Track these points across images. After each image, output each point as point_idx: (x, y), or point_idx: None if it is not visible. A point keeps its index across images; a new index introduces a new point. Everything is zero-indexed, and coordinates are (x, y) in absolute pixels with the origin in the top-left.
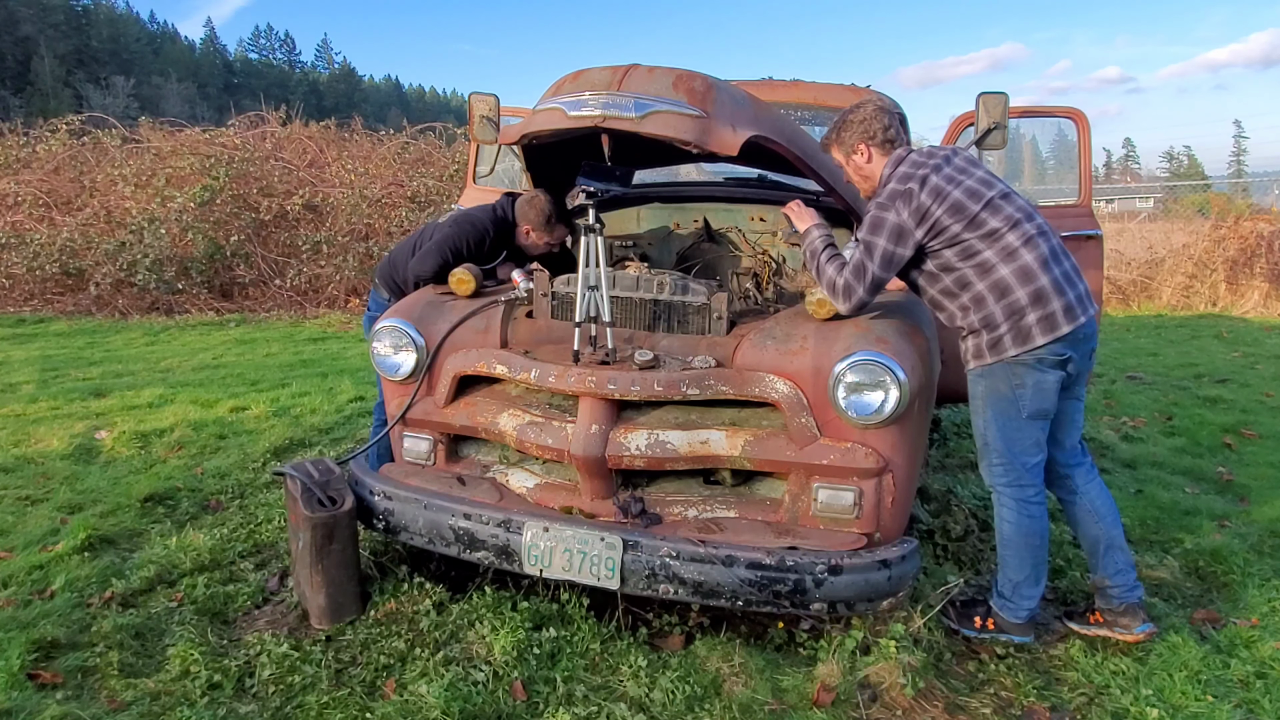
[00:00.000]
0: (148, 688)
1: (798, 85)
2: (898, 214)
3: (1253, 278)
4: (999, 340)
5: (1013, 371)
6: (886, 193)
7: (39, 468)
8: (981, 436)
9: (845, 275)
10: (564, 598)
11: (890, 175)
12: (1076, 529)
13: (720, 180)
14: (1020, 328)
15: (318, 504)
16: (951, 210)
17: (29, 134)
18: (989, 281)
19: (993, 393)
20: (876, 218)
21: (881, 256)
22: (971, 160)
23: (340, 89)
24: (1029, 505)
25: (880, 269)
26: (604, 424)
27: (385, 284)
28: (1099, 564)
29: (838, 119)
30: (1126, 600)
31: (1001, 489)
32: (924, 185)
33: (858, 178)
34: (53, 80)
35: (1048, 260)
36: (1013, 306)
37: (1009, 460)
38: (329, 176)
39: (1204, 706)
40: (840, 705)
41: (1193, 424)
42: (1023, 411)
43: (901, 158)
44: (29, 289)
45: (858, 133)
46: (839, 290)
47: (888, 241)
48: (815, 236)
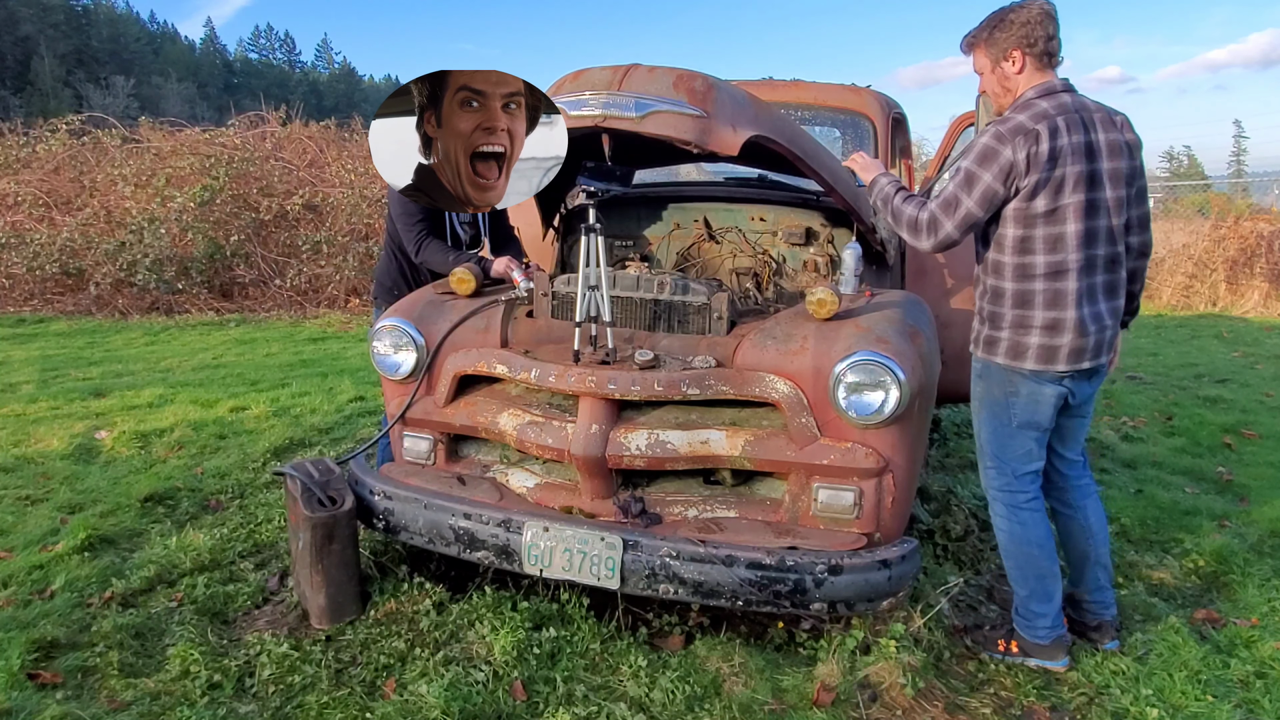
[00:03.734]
0: (148, 688)
1: (798, 85)
2: (1014, 151)
3: (1253, 278)
4: (995, 342)
5: (1008, 378)
6: (1012, 124)
7: (39, 468)
8: (978, 436)
9: (932, 208)
10: (564, 598)
11: (1029, 102)
12: (1065, 541)
13: (720, 180)
14: (1019, 343)
15: (318, 504)
16: (1055, 186)
17: (29, 134)
18: (1019, 287)
19: (988, 395)
20: (990, 148)
21: (982, 192)
22: (1123, 148)
23: (340, 89)
24: (1020, 511)
25: (977, 204)
26: (604, 424)
27: (385, 300)
28: (1081, 578)
29: (992, 15)
30: (1101, 617)
31: (995, 493)
32: (1056, 136)
33: (997, 88)
34: (53, 80)
35: (1085, 295)
36: (1024, 321)
37: (1000, 465)
38: (329, 176)
39: (1204, 706)
40: (840, 705)
41: (1193, 424)
42: (1013, 420)
43: (1053, 89)
44: (29, 289)
45: (1017, 36)
46: (922, 225)
47: (995, 178)
48: (884, 183)
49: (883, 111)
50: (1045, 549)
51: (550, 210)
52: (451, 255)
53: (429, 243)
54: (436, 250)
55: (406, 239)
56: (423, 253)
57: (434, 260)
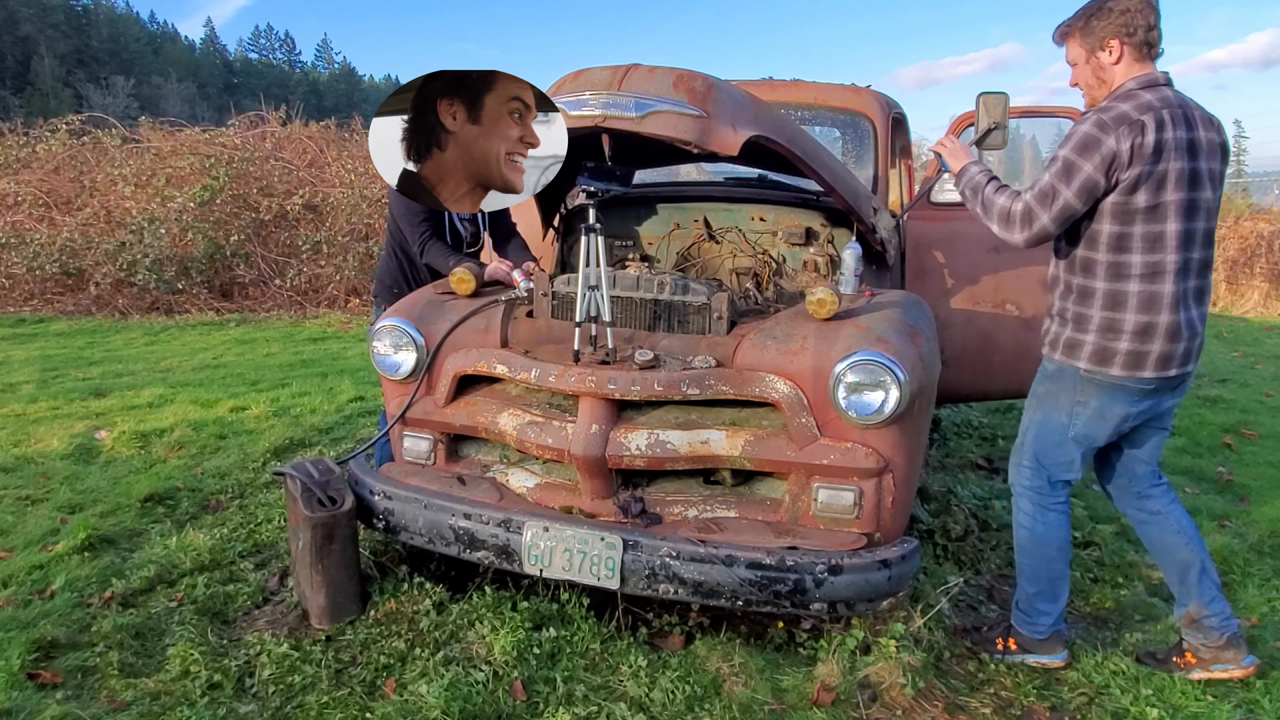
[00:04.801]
0: (148, 687)
1: (798, 85)
2: (1118, 141)
3: (1253, 278)
4: (1078, 345)
5: (1082, 386)
6: (1116, 112)
7: (39, 468)
8: (1022, 433)
9: (1026, 199)
10: (564, 598)
11: (1131, 92)
12: (1162, 554)
13: (720, 180)
14: (1106, 348)
15: (318, 504)
16: (1157, 182)
17: (29, 134)
18: (1112, 287)
19: (1051, 398)
20: (1091, 137)
21: (1082, 183)
22: (1219, 150)
23: (340, 89)
24: (1047, 513)
25: (1075, 195)
26: (604, 424)
27: (385, 299)
28: (1192, 591)
29: (1089, 3)
30: (1227, 630)
31: (1023, 490)
32: (1162, 129)
33: (1091, 80)
34: (53, 80)
35: (1180, 300)
36: (1113, 325)
37: (1037, 468)
38: (329, 176)
39: (1204, 706)
40: (840, 705)
41: (1193, 424)
42: (1070, 429)
43: (1156, 81)
44: (29, 289)
45: (1116, 25)
46: (1015, 217)
47: (1096, 169)
48: (975, 172)
49: (883, 111)
50: (1064, 552)
51: (550, 210)
52: (453, 257)
53: (433, 244)
54: (439, 250)
55: (411, 238)
56: (427, 254)
57: (437, 260)
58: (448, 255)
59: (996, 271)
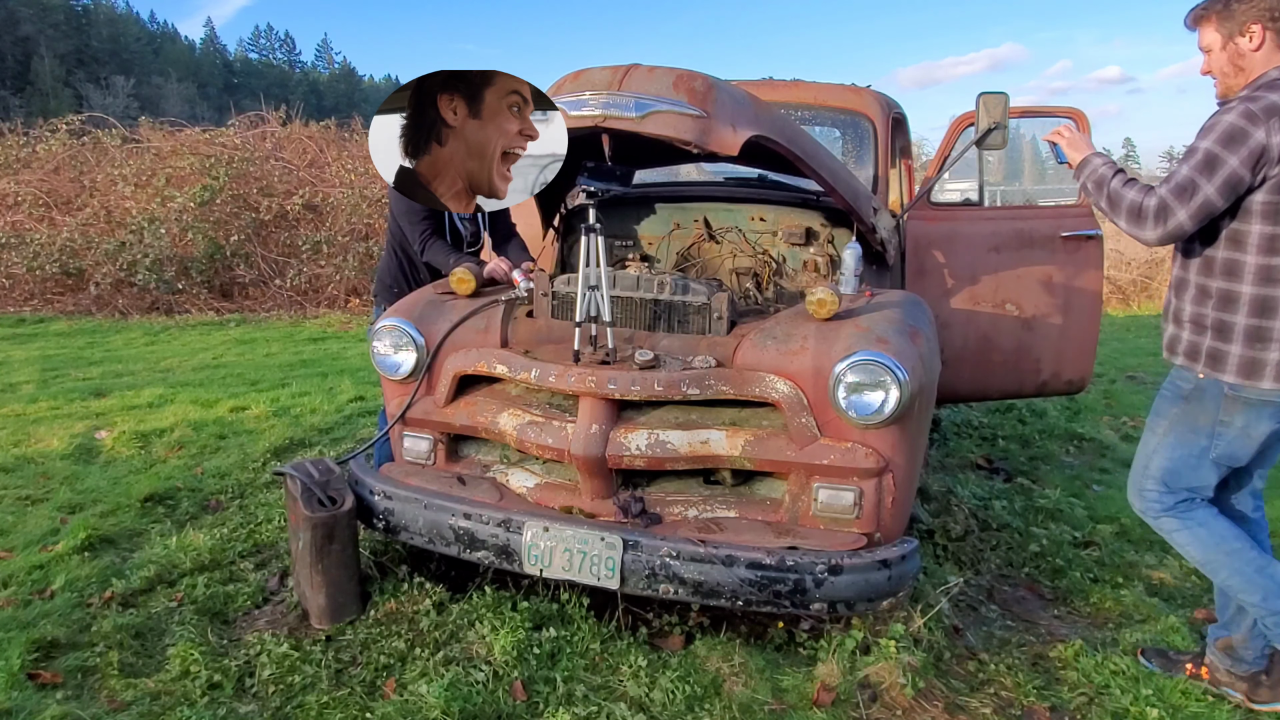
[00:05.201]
0: (148, 688)
1: (798, 85)
2: (1269, 135)
3: None
4: (1221, 356)
5: (1227, 404)
6: (1265, 103)
7: (39, 468)
8: (1146, 455)
9: (1161, 193)
10: (564, 598)
11: (1276, 82)
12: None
13: (720, 180)
14: (1255, 359)
15: (318, 504)
16: None
17: (29, 134)
18: (1261, 292)
19: (1188, 416)
20: (1237, 129)
21: (1225, 179)
22: None
23: (340, 89)
24: (1193, 515)
25: (1218, 191)
26: (604, 424)
27: (386, 298)
28: (1243, 621)
29: None
30: (1258, 666)
31: (1158, 512)
32: None
33: (1226, 67)
34: (53, 80)
35: None
36: (1261, 333)
37: (1167, 490)
38: (329, 176)
39: (1204, 706)
40: (840, 705)
41: None
42: (1210, 452)
43: None
44: (29, 289)
45: (1260, 8)
46: (1148, 212)
47: (1242, 164)
48: (1098, 164)
49: (883, 111)
50: (1243, 537)
51: (550, 210)
52: (454, 256)
53: (434, 242)
54: (440, 249)
55: (411, 237)
56: (428, 252)
57: (438, 260)
58: (448, 254)
59: (996, 271)
